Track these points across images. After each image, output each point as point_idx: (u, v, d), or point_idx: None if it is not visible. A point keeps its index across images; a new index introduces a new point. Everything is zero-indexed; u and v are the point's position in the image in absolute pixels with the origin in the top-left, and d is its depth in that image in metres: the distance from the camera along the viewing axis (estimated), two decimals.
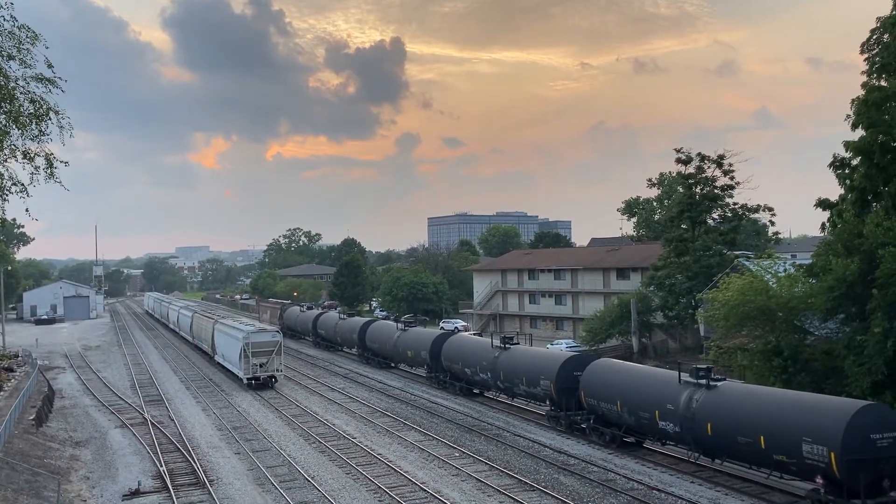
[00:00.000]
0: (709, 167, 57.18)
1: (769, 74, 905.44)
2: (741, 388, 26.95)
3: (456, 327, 75.81)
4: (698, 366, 27.98)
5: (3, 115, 21.50)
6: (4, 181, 22.06)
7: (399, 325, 54.84)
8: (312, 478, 28.37)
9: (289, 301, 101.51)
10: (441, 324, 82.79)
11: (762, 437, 23.79)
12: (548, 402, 35.92)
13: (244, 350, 49.65)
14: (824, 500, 22.24)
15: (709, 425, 25.80)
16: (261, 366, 49.79)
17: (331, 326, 68.87)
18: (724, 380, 27.43)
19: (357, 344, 61.53)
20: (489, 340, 42.33)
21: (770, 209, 58.46)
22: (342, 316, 68.84)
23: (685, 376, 27.75)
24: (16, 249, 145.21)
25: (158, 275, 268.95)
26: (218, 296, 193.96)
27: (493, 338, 41.98)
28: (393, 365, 57.51)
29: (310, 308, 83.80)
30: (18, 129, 21.58)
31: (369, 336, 59.37)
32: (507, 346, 40.37)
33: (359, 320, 64.92)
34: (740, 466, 26.34)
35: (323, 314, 75.35)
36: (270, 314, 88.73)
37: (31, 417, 37.17)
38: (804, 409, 23.30)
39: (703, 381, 26.89)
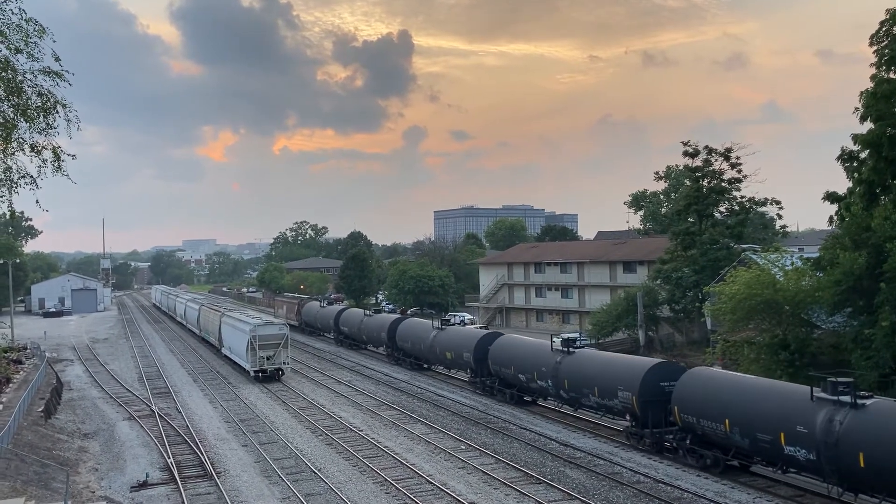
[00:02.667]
0: (716, 160, 56.95)
1: (778, 67, 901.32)
2: None
3: (462, 320, 75.89)
4: (838, 379, 23.08)
5: (11, 109, 21.57)
6: (13, 174, 22.14)
7: (435, 323, 50.22)
8: (319, 470, 28.48)
9: (307, 296, 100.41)
10: (447, 317, 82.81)
11: None
12: (627, 417, 31.08)
13: (251, 343, 49.81)
14: None
15: (861, 455, 20.87)
16: (268, 358, 49.95)
17: (355, 323, 65.04)
18: (872, 397, 22.46)
19: (386, 343, 57.42)
20: (548, 343, 37.04)
21: (777, 202, 58.25)
22: (368, 312, 65.19)
23: (819, 392, 22.96)
24: (24, 242, 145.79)
25: (165, 268, 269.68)
26: (225, 289, 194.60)
27: (553, 339, 36.90)
28: (426, 366, 53.14)
29: (330, 303, 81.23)
30: (26, 123, 21.66)
31: (400, 334, 54.77)
32: (570, 349, 35.03)
33: (388, 317, 60.38)
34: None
35: (346, 310, 72.21)
36: (287, 309, 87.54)
37: (40, 409, 37.40)
38: None
39: (847, 399, 21.99)
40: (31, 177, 22.26)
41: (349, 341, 68.37)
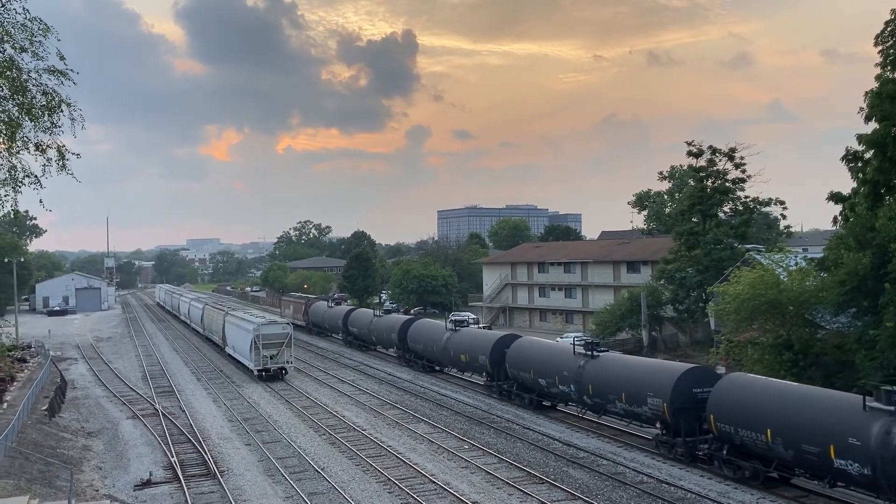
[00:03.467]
0: (720, 160, 56.88)
1: (782, 67, 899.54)
2: None
3: (466, 320, 75.83)
4: (893, 388, 21.52)
5: (16, 108, 21.58)
6: (17, 173, 22.15)
7: (449, 324, 48.87)
8: (322, 469, 28.51)
9: (315, 296, 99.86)
10: (451, 316, 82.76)
11: None
12: (658, 425, 29.68)
13: (255, 342, 49.89)
14: None
15: None
16: (271, 357, 50.02)
17: (365, 324, 63.69)
18: None
19: (397, 344, 56.28)
20: (570, 346, 35.76)
21: (782, 202, 58.22)
22: (378, 313, 63.76)
23: (872, 401, 21.37)
24: (28, 241, 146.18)
25: (169, 267, 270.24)
26: (228, 288, 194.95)
27: (575, 342, 35.64)
28: (438, 369, 52.20)
29: (337, 303, 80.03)
30: (31, 121, 21.65)
31: (412, 336, 53.49)
32: (594, 353, 33.67)
33: (398, 318, 59.22)
34: None
35: (355, 310, 70.89)
36: (294, 309, 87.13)
37: (44, 408, 37.48)
38: None
39: None
40: (36, 176, 22.26)
41: (358, 342, 67.29)
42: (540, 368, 37.02)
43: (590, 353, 33.78)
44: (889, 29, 32.71)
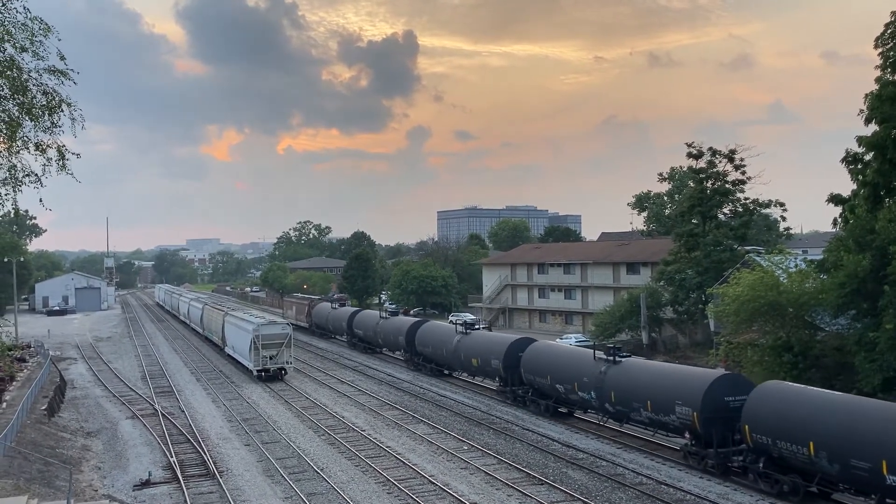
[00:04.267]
0: (720, 162, 56.95)
1: (783, 68, 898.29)
2: None
3: (465, 321, 75.81)
4: None
5: (17, 107, 21.58)
6: (18, 173, 22.15)
7: (459, 327, 47.43)
8: (321, 470, 28.51)
9: (318, 296, 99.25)
10: (450, 317, 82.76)
11: None
12: (686, 435, 28.16)
13: (254, 342, 49.90)
14: None
15: None
16: (271, 358, 50.03)
17: (370, 326, 62.54)
18: None
19: (404, 347, 54.64)
20: (590, 351, 34.64)
21: (781, 204, 58.19)
22: (384, 314, 62.49)
23: None
24: (28, 241, 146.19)
25: (169, 267, 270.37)
26: (228, 288, 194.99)
27: (596, 348, 34.61)
28: (447, 373, 50.78)
29: (342, 304, 78.91)
30: (31, 121, 21.66)
31: (420, 339, 51.86)
32: (617, 358, 32.26)
33: (406, 320, 57.76)
34: None
35: (360, 312, 69.47)
36: (296, 310, 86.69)
37: (44, 408, 37.48)
38: None
39: None
40: (36, 175, 22.26)
41: (363, 344, 66.02)
42: (557, 374, 35.47)
43: (612, 358, 32.39)
44: (889, 31, 32.79)
